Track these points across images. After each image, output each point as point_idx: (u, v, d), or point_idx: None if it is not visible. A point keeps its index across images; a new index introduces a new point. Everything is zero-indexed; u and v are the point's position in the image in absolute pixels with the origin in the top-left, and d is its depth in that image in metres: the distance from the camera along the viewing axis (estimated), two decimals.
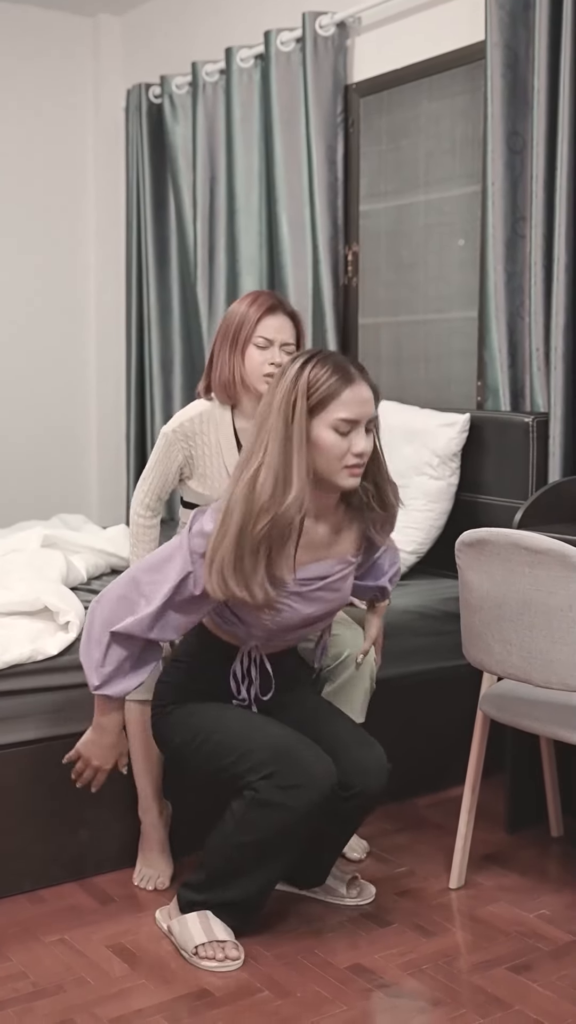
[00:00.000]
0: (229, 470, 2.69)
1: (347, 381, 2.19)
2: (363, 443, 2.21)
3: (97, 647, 2.28)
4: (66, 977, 2.26)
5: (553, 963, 2.31)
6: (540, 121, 3.23)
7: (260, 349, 2.66)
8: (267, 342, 2.66)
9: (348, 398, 2.18)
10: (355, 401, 2.19)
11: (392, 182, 3.94)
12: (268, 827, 2.26)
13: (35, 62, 4.85)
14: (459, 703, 3.04)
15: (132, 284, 4.84)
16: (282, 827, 2.26)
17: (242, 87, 4.26)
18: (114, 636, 2.26)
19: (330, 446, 2.19)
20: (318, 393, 2.17)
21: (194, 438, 2.71)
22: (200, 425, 2.72)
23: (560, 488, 2.96)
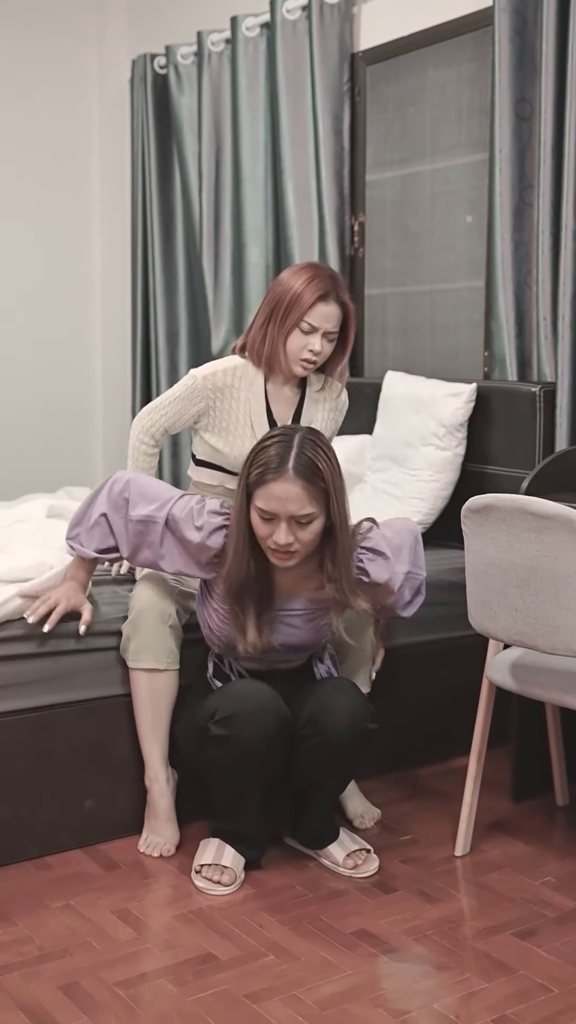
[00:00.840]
0: (256, 432, 2.69)
1: (275, 475, 2.29)
2: (282, 537, 2.30)
3: (87, 508, 2.57)
4: (72, 942, 2.27)
5: (558, 929, 2.31)
6: (548, 87, 3.21)
7: (304, 333, 2.65)
8: (312, 328, 2.64)
9: (267, 492, 2.30)
10: (272, 496, 2.29)
11: (399, 151, 3.91)
12: (224, 761, 2.41)
13: (39, 33, 4.81)
14: (464, 674, 3.04)
15: (137, 256, 4.82)
16: (234, 758, 2.39)
17: (248, 56, 4.22)
18: (105, 515, 2.54)
19: (256, 528, 2.35)
20: (252, 476, 2.33)
21: (222, 391, 2.71)
22: (232, 379, 2.72)
23: (567, 457, 2.94)
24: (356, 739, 2.45)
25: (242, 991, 2.10)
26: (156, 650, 2.58)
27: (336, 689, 2.49)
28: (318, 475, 2.30)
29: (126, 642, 2.61)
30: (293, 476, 2.28)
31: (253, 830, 2.53)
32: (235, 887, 2.46)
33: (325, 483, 2.31)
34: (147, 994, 2.09)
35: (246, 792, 2.47)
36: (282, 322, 2.64)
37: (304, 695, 2.51)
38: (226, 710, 2.38)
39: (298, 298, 2.63)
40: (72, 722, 2.62)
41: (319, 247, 4.09)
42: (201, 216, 4.43)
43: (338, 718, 2.42)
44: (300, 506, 2.29)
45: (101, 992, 2.09)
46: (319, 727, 2.42)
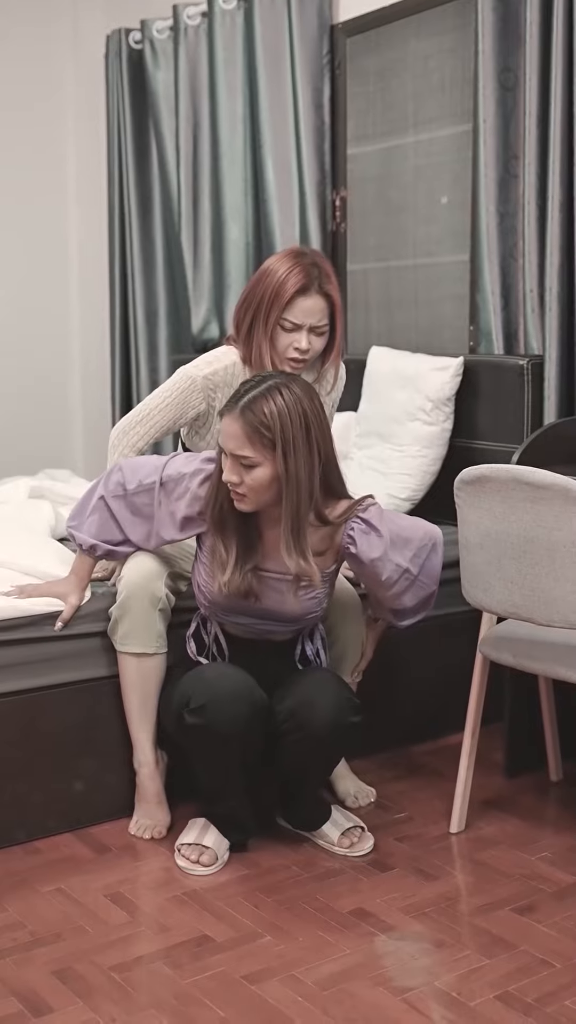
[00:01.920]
0: None
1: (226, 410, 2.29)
2: (227, 473, 2.30)
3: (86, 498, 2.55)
4: (64, 926, 2.23)
5: (557, 903, 2.29)
6: (533, 56, 3.17)
7: (286, 332, 2.52)
8: (295, 326, 2.51)
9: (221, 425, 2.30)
10: (222, 431, 2.29)
11: (381, 124, 3.86)
12: (201, 748, 2.39)
13: (11, 9, 4.73)
14: (456, 651, 3.01)
15: (115, 235, 4.74)
16: (210, 745, 2.36)
17: (225, 30, 4.16)
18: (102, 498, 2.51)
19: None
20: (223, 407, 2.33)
21: (222, 390, 2.59)
22: (230, 377, 2.59)
23: (556, 430, 2.91)
24: (339, 735, 2.41)
25: (239, 973, 2.06)
26: (145, 634, 2.53)
27: (319, 683, 2.42)
28: (265, 424, 2.24)
29: (114, 625, 2.56)
30: (238, 415, 2.26)
31: (239, 813, 2.49)
32: (215, 868, 2.43)
33: (272, 434, 2.24)
34: (142, 977, 2.05)
35: (227, 776, 2.44)
36: (265, 322, 2.51)
37: (287, 686, 2.43)
38: (199, 699, 2.34)
39: (277, 294, 2.49)
40: (60, 705, 2.58)
41: (300, 223, 4.04)
42: (179, 193, 4.36)
43: (320, 714, 2.36)
44: (238, 445, 2.26)
45: (95, 976, 2.05)
46: (301, 723, 2.37)
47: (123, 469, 2.51)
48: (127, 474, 2.50)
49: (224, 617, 2.50)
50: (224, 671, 2.41)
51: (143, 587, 2.52)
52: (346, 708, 2.40)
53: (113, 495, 2.50)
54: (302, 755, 2.42)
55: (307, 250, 2.62)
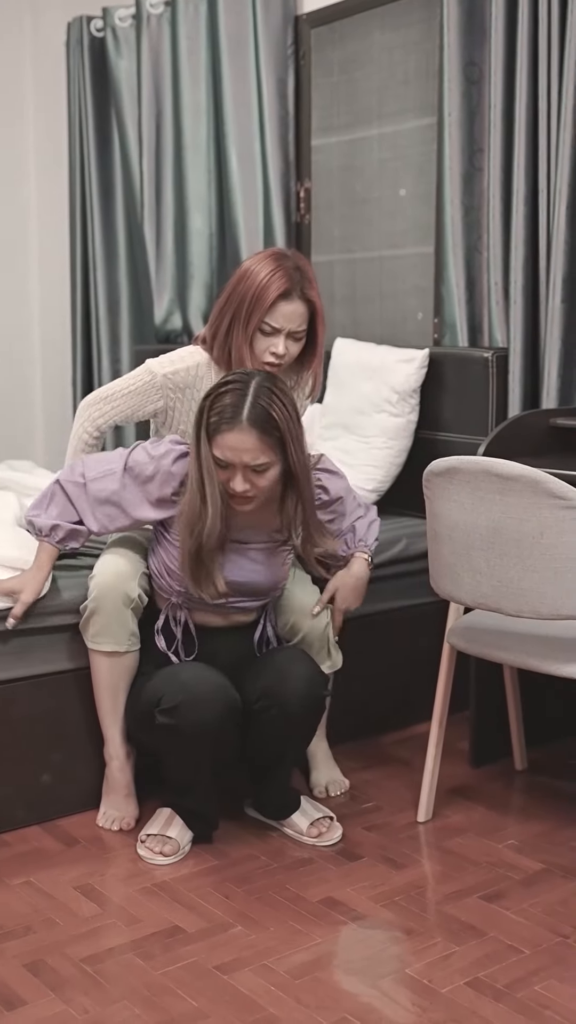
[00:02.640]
0: None
1: (229, 425, 2.29)
2: (239, 485, 2.32)
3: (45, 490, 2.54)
4: (34, 919, 2.22)
5: (525, 890, 2.32)
6: (498, 50, 3.18)
7: (264, 335, 2.50)
8: (274, 329, 2.49)
9: (222, 442, 2.30)
10: (227, 447, 2.30)
11: (345, 116, 3.86)
12: (173, 747, 2.38)
13: None
14: (422, 642, 3.03)
15: (76, 225, 4.71)
16: (181, 746, 2.36)
17: (188, 19, 4.14)
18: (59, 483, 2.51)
19: (216, 473, 2.35)
20: (210, 423, 2.32)
21: (183, 391, 2.58)
22: (193, 379, 2.58)
23: (522, 422, 2.93)
24: (312, 707, 2.44)
25: (211, 963, 2.07)
26: (117, 633, 2.51)
27: (289, 659, 2.47)
28: (272, 424, 2.30)
29: (86, 622, 2.54)
30: (247, 427, 2.28)
31: (205, 808, 2.50)
32: (175, 859, 2.44)
33: (280, 432, 2.31)
34: (114, 969, 2.05)
35: (196, 774, 2.44)
36: (245, 324, 2.48)
37: (257, 668, 2.47)
38: (172, 699, 2.34)
39: (259, 298, 2.46)
40: (27, 697, 2.56)
41: (264, 214, 4.03)
42: (142, 183, 4.34)
43: (294, 686, 2.39)
44: (254, 456, 2.30)
45: (67, 968, 2.05)
46: (275, 698, 2.39)
47: (85, 461, 2.52)
48: (89, 464, 2.50)
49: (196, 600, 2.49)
50: (198, 672, 2.40)
51: (115, 587, 2.50)
52: (317, 681, 2.44)
53: (72, 482, 2.50)
54: (276, 732, 2.43)
55: (288, 252, 2.60)
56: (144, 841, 2.47)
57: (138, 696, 2.49)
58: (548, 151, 3.07)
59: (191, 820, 2.49)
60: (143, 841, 2.47)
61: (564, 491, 2.18)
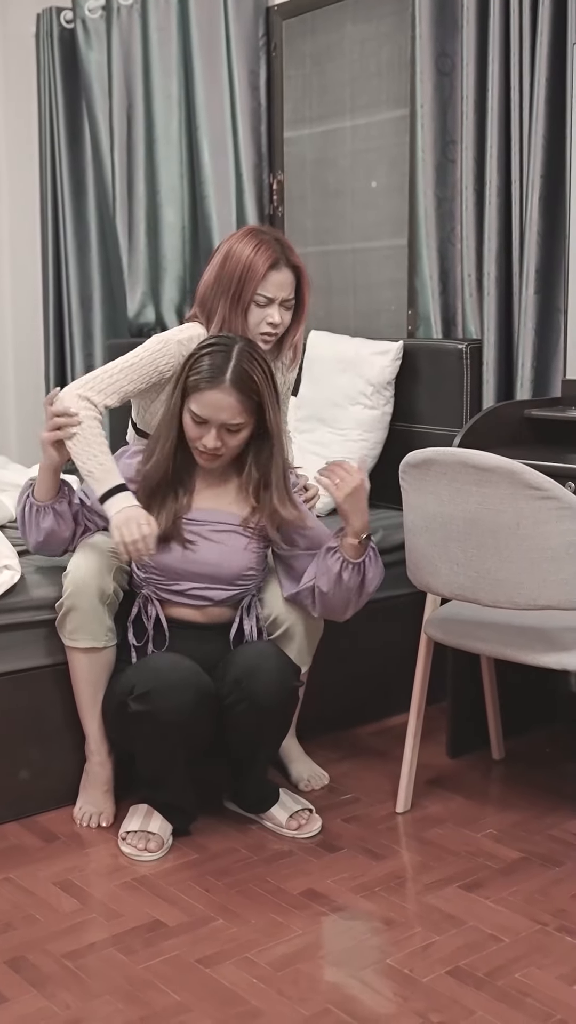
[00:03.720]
0: None
1: (211, 384, 2.38)
2: (211, 442, 2.41)
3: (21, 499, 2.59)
4: (14, 915, 2.21)
5: (504, 879, 2.33)
6: (470, 41, 3.18)
7: (259, 307, 2.53)
8: (268, 300, 2.52)
9: (202, 399, 2.39)
10: (207, 404, 2.39)
11: (317, 107, 3.86)
12: (146, 736, 2.38)
13: None
14: (398, 633, 3.04)
15: (47, 219, 4.68)
16: (155, 733, 2.36)
17: (159, 10, 4.12)
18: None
19: (186, 427, 2.45)
20: (190, 380, 2.41)
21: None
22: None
23: (496, 413, 2.94)
24: (284, 699, 2.43)
25: (193, 956, 2.07)
26: (94, 629, 2.50)
27: (259, 653, 2.44)
28: (252, 387, 2.39)
29: (62, 620, 2.53)
30: (229, 387, 2.37)
31: (181, 799, 2.50)
32: (161, 853, 2.43)
33: (259, 395, 2.40)
34: (96, 964, 2.05)
35: (171, 764, 2.44)
36: (237, 299, 2.51)
37: (228, 661, 2.45)
38: (144, 685, 2.34)
39: (250, 270, 2.49)
40: (4, 693, 2.55)
41: (237, 206, 4.02)
42: (113, 176, 4.31)
43: (265, 679, 2.38)
44: (232, 415, 2.39)
45: (49, 965, 2.04)
46: (246, 692, 2.38)
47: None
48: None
49: (165, 586, 2.49)
50: (169, 658, 2.41)
51: (89, 583, 2.49)
52: (288, 673, 2.43)
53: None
54: (250, 726, 2.43)
55: (264, 227, 2.67)
56: (125, 838, 2.46)
57: (112, 689, 2.49)
58: (521, 142, 3.08)
59: (168, 812, 2.49)
60: (124, 838, 2.47)
61: (540, 482, 2.19)
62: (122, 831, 2.48)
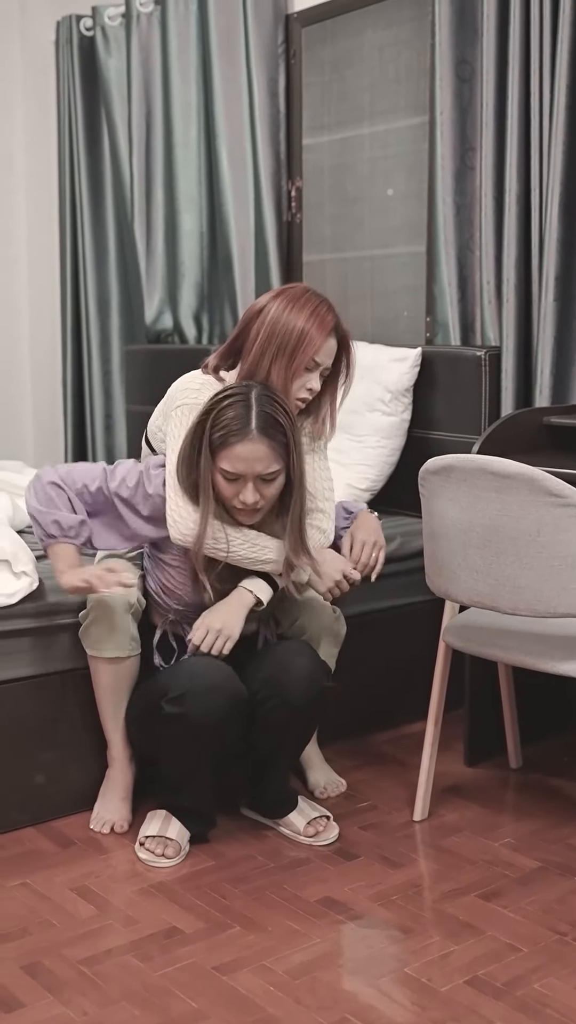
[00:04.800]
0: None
1: (239, 437, 2.28)
2: (250, 496, 2.32)
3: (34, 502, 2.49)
4: (31, 920, 2.21)
5: (522, 889, 2.32)
6: (490, 48, 3.18)
7: (305, 371, 2.43)
8: (316, 365, 2.44)
9: (232, 454, 2.29)
10: (239, 458, 2.29)
11: (336, 114, 3.86)
12: (175, 739, 2.37)
13: None
14: (415, 640, 3.03)
15: (66, 224, 4.70)
16: (186, 736, 2.35)
17: (179, 17, 4.13)
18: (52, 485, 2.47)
19: (220, 488, 2.35)
20: (215, 438, 2.31)
21: None
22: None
23: (515, 420, 2.93)
24: (314, 696, 2.44)
25: (210, 963, 2.06)
26: (119, 639, 2.50)
27: (292, 651, 2.47)
28: (280, 430, 2.31)
29: (86, 630, 2.52)
30: (258, 436, 2.29)
31: (202, 805, 2.49)
32: (179, 860, 2.43)
33: (286, 438, 2.32)
34: (112, 970, 2.04)
35: (197, 769, 2.43)
36: (290, 363, 2.39)
37: (260, 659, 2.47)
38: (179, 688, 2.34)
39: (308, 336, 2.39)
40: (21, 698, 2.55)
41: (255, 213, 4.03)
42: (132, 182, 4.33)
43: (296, 676, 2.40)
44: (267, 464, 2.31)
45: (65, 970, 2.04)
46: (277, 688, 2.39)
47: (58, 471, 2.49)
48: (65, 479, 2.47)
49: (193, 615, 2.49)
50: (204, 662, 2.40)
51: (113, 596, 2.48)
52: (320, 672, 2.44)
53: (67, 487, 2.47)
54: (279, 723, 2.43)
55: (312, 289, 2.53)
56: (143, 843, 2.46)
57: (141, 693, 2.50)
58: (540, 149, 3.08)
59: (187, 818, 2.48)
60: (142, 844, 2.46)
61: (561, 489, 2.18)
62: (140, 836, 2.48)
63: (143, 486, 2.44)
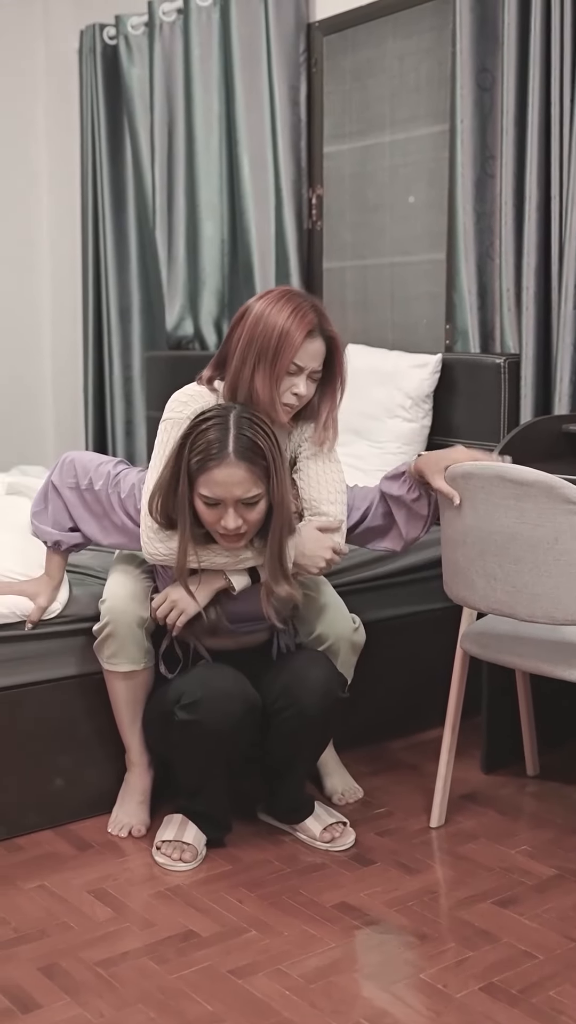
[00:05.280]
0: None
1: (217, 461, 2.23)
2: (231, 522, 2.27)
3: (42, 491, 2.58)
4: (48, 922, 2.22)
5: (538, 896, 2.31)
6: (510, 56, 3.19)
7: (289, 375, 2.36)
8: (299, 369, 2.36)
9: (210, 479, 2.25)
10: (216, 483, 2.24)
11: (357, 123, 3.88)
12: (189, 745, 2.38)
13: None
14: (432, 647, 3.03)
15: (88, 231, 4.73)
16: (199, 742, 2.36)
17: (201, 26, 4.16)
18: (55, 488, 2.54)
19: (202, 514, 2.30)
20: (193, 463, 2.26)
21: None
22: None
23: (534, 428, 2.94)
24: (329, 707, 2.44)
25: (225, 967, 2.07)
26: (132, 653, 2.51)
27: (308, 660, 2.48)
28: (259, 454, 2.25)
29: (100, 645, 2.53)
30: (235, 460, 2.23)
31: (217, 810, 2.50)
32: (195, 864, 2.44)
33: (266, 461, 2.25)
34: (129, 972, 2.05)
35: (211, 774, 2.45)
36: (272, 366, 2.33)
37: (276, 669, 2.48)
38: (192, 695, 2.35)
39: (287, 337, 2.32)
40: (39, 702, 2.57)
41: (276, 220, 4.04)
42: (154, 190, 4.36)
43: (312, 687, 2.41)
44: (246, 489, 2.25)
45: (81, 972, 2.05)
46: (293, 698, 2.40)
47: (75, 465, 2.53)
48: (79, 472, 2.52)
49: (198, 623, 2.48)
50: (218, 669, 2.42)
51: (126, 611, 2.49)
52: (335, 682, 2.45)
53: (67, 486, 2.53)
54: (295, 731, 2.44)
55: (296, 290, 2.50)
56: (160, 848, 2.47)
57: (157, 698, 2.50)
58: (560, 157, 3.08)
59: (203, 822, 2.49)
60: (159, 848, 2.47)
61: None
62: (157, 841, 2.49)
63: (134, 498, 2.47)
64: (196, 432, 2.27)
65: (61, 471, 2.54)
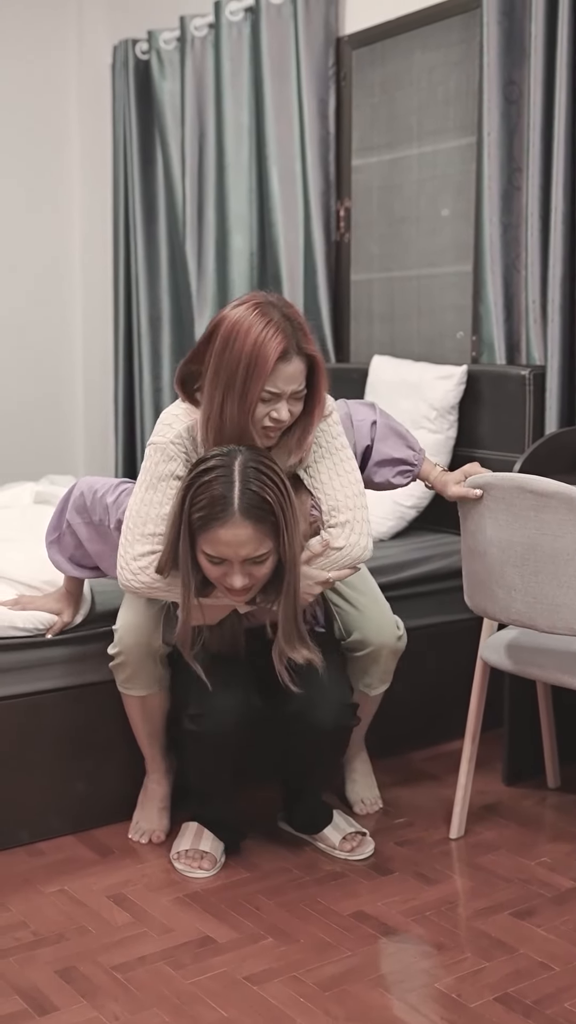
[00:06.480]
0: None
1: (221, 521, 2.08)
2: (238, 582, 2.13)
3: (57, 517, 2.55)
4: (67, 926, 2.24)
5: (556, 908, 2.31)
6: (537, 69, 3.19)
7: (264, 403, 2.18)
8: (273, 395, 2.18)
9: (214, 538, 2.10)
10: (221, 543, 2.10)
11: (385, 135, 3.89)
12: (196, 754, 2.41)
13: (18, 18, 4.76)
14: (453, 659, 3.04)
15: (119, 243, 4.77)
16: (205, 752, 2.38)
17: (231, 41, 4.19)
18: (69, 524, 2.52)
19: (206, 569, 2.17)
20: (195, 519, 2.12)
21: (188, 452, 2.28)
22: (192, 444, 2.28)
23: (558, 439, 2.93)
24: (339, 737, 2.48)
25: (241, 973, 2.08)
26: (146, 680, 2.52)
27: (319, 688, 2.35)
28: (267, 509, 2.09)
29: (115, 668, 2.54)
30: (240, 519, 2.08)
31: (228, 816, 2.52)
32: (214, 871, 2.45)
33: (275, 516, 2.10)
34: (145, 977, 2.07)
35: (219, 782, 2.47)
36: (242, 397, 2.15)
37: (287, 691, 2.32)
38: (196, 707, 2.36)
39: (256, 366, 2.13)
40: (61, 708, 2.59)
41: (304, 233, 4.07)
42: (184, 202, 4.39)
43: (322, 716, 2.38)
44: (253, 548, 2.10)
45: (99, 976, 2.07)
46: (302, 726, 2.39)
47: (85, 496, 2.49)
48: (89, 502, 2.49)
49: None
50: (221, 681, 2.35)
51: (138, 642, 2.48)
52: (346, 713, 2.44)
53: (77, 511, 2.50)
54: (306, 753, 2.46)
55: (272, 298, 2.23)
56: (179, 857, 2.48)
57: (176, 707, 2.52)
58: None
59: (217, 829, 2.51)
60: (178, 857, 2.48)
61: None
62: (173, 851, 2.50)
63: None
64: (197, 485, 2.11)
65: (74, 501, 2.51)
